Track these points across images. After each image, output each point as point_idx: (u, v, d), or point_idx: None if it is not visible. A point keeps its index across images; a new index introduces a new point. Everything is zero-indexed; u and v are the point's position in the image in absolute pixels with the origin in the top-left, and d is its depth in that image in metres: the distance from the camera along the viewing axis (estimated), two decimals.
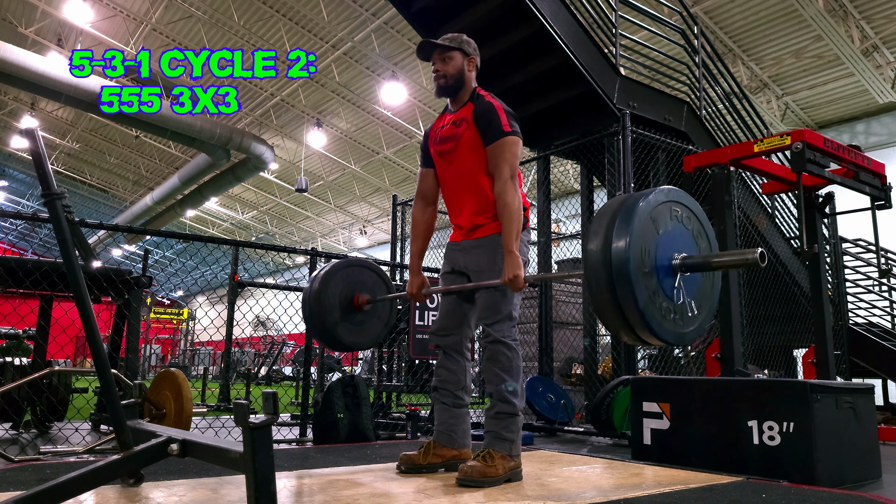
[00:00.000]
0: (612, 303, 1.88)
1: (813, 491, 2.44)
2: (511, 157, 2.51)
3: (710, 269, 2.01)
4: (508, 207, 2.45)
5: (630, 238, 1.87)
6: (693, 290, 2.05)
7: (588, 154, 5.42)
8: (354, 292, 3.07)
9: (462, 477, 2.34)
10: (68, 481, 1.50)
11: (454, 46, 2.65)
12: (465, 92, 2.68)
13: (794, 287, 5.82)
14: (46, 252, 30.81)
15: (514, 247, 2.41)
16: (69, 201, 1.79)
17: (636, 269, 1.86)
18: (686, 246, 2.06)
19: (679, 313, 1.98)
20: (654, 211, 1.98)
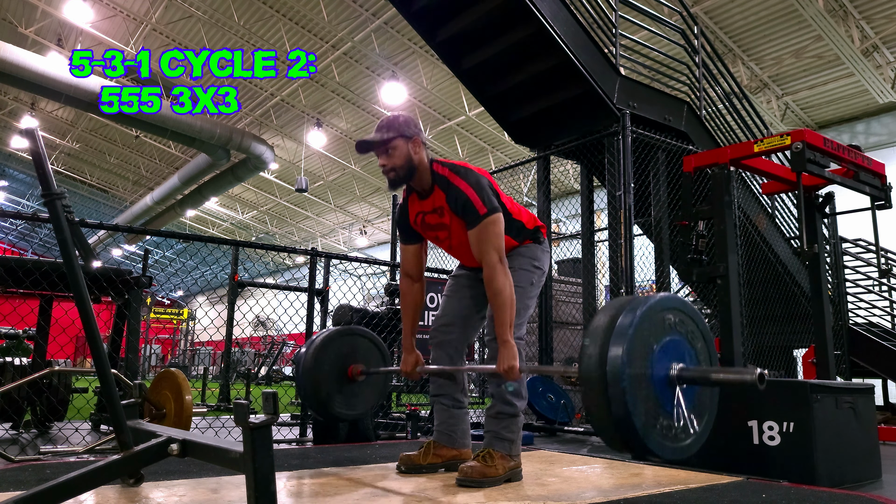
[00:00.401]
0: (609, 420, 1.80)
1: (813, 491, 2.44)
2: (494, 238, 2.40)
3: (708, 384, 1.94)
4: (500, 295, 2.34)
5: (627, 348, 1.79)
6: (691, 398, 1.97)
7: (588, 154, 5.42)
8: (349, 363, 3.06)
9: (462, 477, 2.34)
10: (68, 481, 1.49)
11: (392, 136, 2.47)
12: (421, 175, 2.52)
13: (794, 287, 5.82)
14: (46, 252, 30.82)
15: (508, 336, 2.33)
16: (69, 201, 1.79)
17: (632, 382, 1.78)
18: (684, 355, 1.97)
19: (678, 428, 1.90)
20: (653, 319, 1.90)
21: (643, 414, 1.79)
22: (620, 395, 1.75)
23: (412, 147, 2.49)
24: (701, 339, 2.06)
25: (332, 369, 3.01)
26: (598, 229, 6.20)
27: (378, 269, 9.95)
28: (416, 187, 2.58)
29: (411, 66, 13.71)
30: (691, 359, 1.99)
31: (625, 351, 1.78)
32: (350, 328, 3.20)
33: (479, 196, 2.42)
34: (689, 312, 2.04)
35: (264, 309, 6.00)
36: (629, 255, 4.55)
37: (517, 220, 2.62)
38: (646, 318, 1.86)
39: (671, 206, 5.11)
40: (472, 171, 2.51)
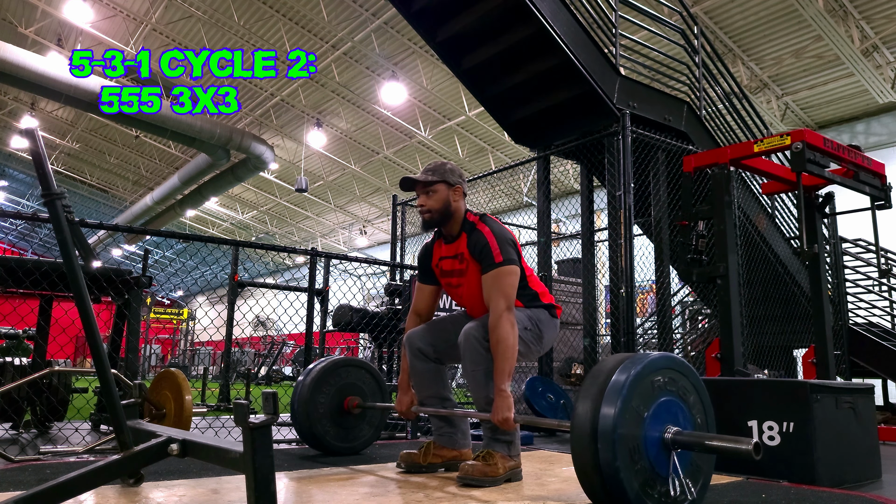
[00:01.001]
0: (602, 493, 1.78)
1: (813, 491, 2.44)
2: (506, 287, 2.43)
3: (702, 450, 1.89)
4: (503, 343, 2.35)
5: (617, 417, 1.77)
6: (686, 463, 1.93)
7: (588, 154, 5.41)
8: (345, 395, 3.05)
9: (462, 476, 2.34)
10: (68, 481, 1.49)
11: (436, 179, 2.57)
12: (454, 222, 2.61)
13: (794, 287, 5.82)
14: (46, 252, 30.81)
15: (505, 385, 2.33)
16: (69, 201, 1.79)
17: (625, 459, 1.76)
18: (677, 415, 1.94)
19: (675, 492, 1.86)
20: (639, 387, 1.86)
21: (637, 483, 1.77)
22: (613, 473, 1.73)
23: (452, 194, 2.59)
24: (693, 393, 2.02)
25: (328, 401, 3.02)
26: (598, 229, 6.20)
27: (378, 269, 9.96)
28: (446, 233, 2.64)
29: (411, 66, 13.71)
30: (685, 416, 1.96)
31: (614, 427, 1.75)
32: (348, 359, 3.20)
33: (498, 245, 2.47)
34: (679, 368, 2.00)
35: (264, 309, 6.00)
36: (629, 255, 4.55)
37: (531, 289, 2.62)
38: (633, 386, 1.83)
39: (671, 206, 5.11)
40: (500, 224, 2.58)
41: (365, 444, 3.24)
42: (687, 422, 1.95)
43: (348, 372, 3.14)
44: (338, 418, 3.06)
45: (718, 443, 1.82)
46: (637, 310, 6.43)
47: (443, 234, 2.68)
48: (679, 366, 2.01)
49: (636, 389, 1.84)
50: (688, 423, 1.96)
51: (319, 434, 3.00)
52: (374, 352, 6.66)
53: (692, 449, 1.89)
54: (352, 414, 3.07)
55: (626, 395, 1.81)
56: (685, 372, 2.01)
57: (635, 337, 4.85)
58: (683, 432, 1.89)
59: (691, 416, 1.98)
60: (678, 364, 2.01)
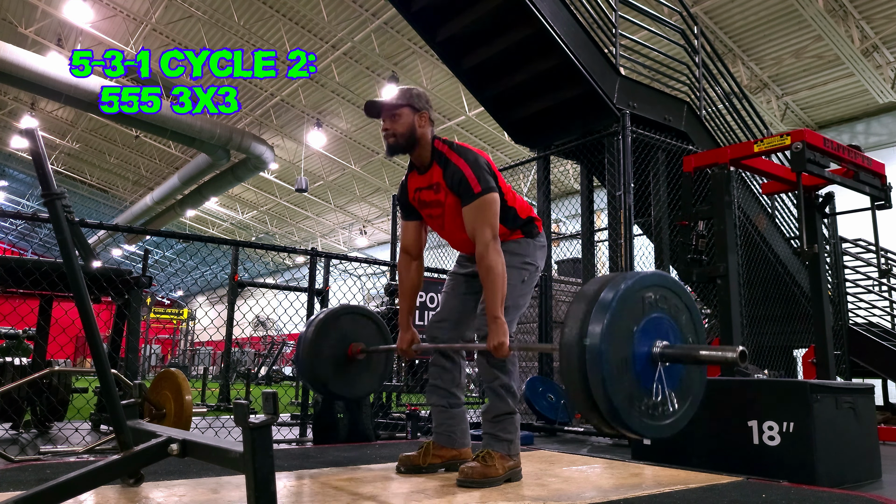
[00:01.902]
0: (586, 396, 1.80)
1: (813, 491, 2.44)
2: (489, 217, 2.42)
3: (690, 362, 1.92)
4: (491, 272, 2.35)
5: (604, 331, 1.78)
6: (676, 376, 1.95)
7: (588, 154, 5.42)
8: (349, 342, 3.05)
9: (462, 478, 2.34)
10: (68, 481, 1.49)
11: (402, 103, 2.53)
12: (422, 149, 2.57)
13: (794, 287, 5.82)
14: (46, 252, 30.82)
15: (499, 312, 2.34)
16: (69, 201, 1.79)
17: (612, 361, 1.78)
18: (667, 331, 1.95)
19: (658, 407, 1.89)
20: (636, 296, 1.88)
21: (624, 394, 1.79)
22: (600, 379, 1.75)
23: (418, 119, 2.54)
24: (685, 312, 2.03)
25: (332, 348, 3.01)
26: (598, 229, 6.20)
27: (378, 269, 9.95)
28: (416, 162, 2.63)
29: (411, 66, 13.71)
30: (675, 334, 1.97)
31: (603, 332, 1.78)
32: (351, 307, 3.20)
33: (475, 174, 2.46)
34: (671, 286, 2.01)
35: (264, 309, 6.00)
36: (629, 255, 4.55)
37: (511, 208, 2.62)
38: (623, 300, 1.85)
39: (671, 206, 5.11)
40: (472, 151, 2.55)
41: (367, 391, 3.22)
42: (677, 340, 1.97)
43: (353, 320, 3.13)
44: (341, 364, 3.05)
45: (705, 352, 1.88)
46: None
47: (415, 166, 2.66)
48: (672, 284, 2.02)
49: (626, 303, 1.86)
50: (678, 341, 1.97)
51: (322, 378, 2.98)
52: None
53: (680, 361, 1.92)
54: (355, 360, 3.07)
55: (616, 308, 1.82)
56: (678, 291, 2.03)
57: None
58: (671, 346, 1.92)
59: (682, 335, 1.99)
60: (671, 282, 2.02)
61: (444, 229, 2.67)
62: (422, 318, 4.70)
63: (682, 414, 1.96)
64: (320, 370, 2.96)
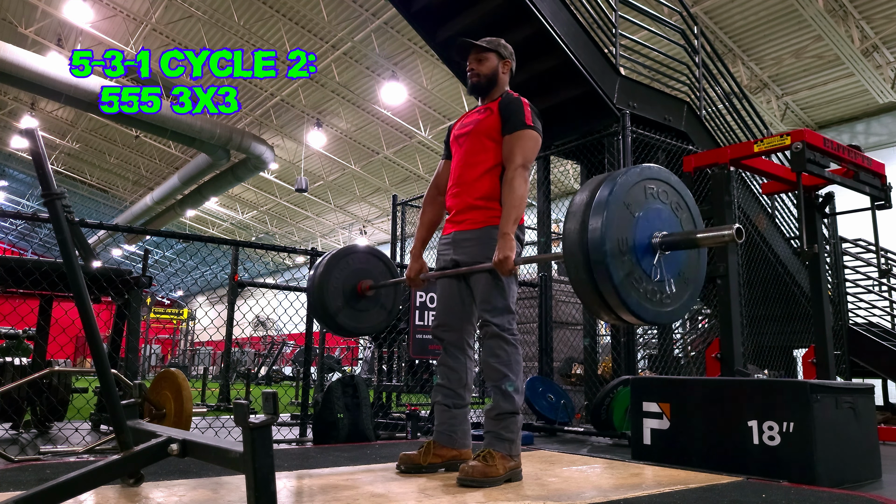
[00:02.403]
0: (590, 283, 1.86)
1: (813, 491, 2.44)
2: (527, 149, 2.55)
3: (689, 246, 1.99)
4: (514, 192, 2.47)
5: (606, 218, 1.85)
6: (676, 268, 2.01)
7: (588, 154, 5.42)
8: (358, 278, 3.07)
9: (463, 477, 2.34)
10: (68, 481, 1.49)
11: (490, 48, 2.72)
12: (496, 92, 2.74)
13: (794, 287, 5.82)
14: (46, 252, 30.81)
15: (509, 229, 2.43)
16: (69, 201, 1.79)
17: (612, 248, 1.84)
18: (668, 224, 2.02)
19: (660, 292, 1.95)
20: (633, 189, 1.95)
21: (624, 274, 1.85)
22: (601, 260, 1.81)
23: (502, 66, 2.76)
24: (686, 210, 2.10)
25: (341, 283, 3.03)
26: None
27: None
28: (483, 102, 2.77)
29: (411, 66, 13.71)
30: (675, 227, 2.04)
31: (604, 221, 1.83)
32: (357, 246, 3.21)
33: (531, 114, 2.62)
34: (673, 183, 2.08)
35: (264, 309, 6.00)
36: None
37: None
38: (625, 187, 1.91)
39: None
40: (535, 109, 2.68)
41: (376, 326, 3.25)
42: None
43: (363, 258, 3.14)
44: (351, 300, 3.06)
45: (701, 234, 1.95)
46: None
47: (477, 108, 2.78)
48: (674, 181, 2.09)
49: (630, 189, 1.93)
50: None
51: (332, 312, 2.99)
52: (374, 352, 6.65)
53: (678, 246, 1.98)
54: (365, 296, 3.08)
55: (617, 192, 1.89)
56: (678, 188, 2.09)
57: (635, 336, 4.85)
58: (670, 234, 1.99)
59: (682, 228, 2.06)
60: (673, 179, 2.09)
61: (461, 148, 2.72)
62: (422, 317, 4.70)
63: (682, 303, 2.02)
64: (330, 303, 2.99)
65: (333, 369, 13.04)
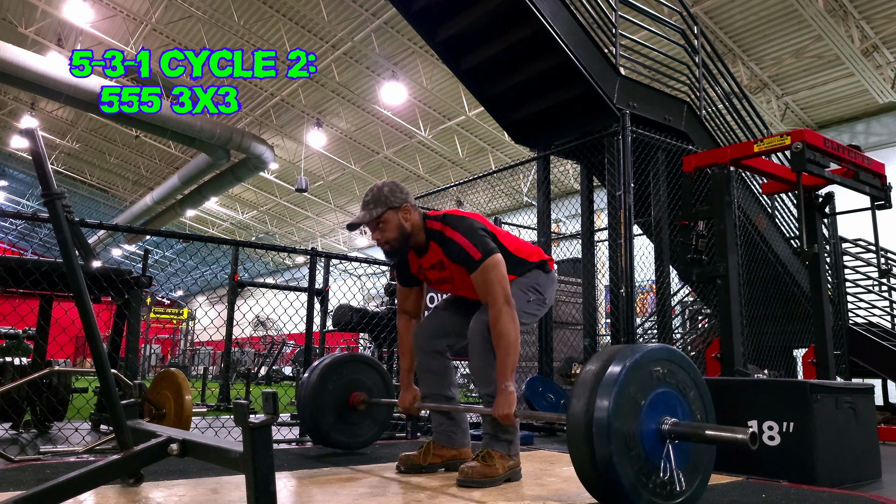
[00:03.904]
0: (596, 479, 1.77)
1: (813, 491, 2.44)
2: (497, 280, 2.38)
3: (698, 440, 1.87)
4: (505, 339, 2.33)
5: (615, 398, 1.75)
6: (684, 457, 1.91)
7: (588, 154, 5.41)
8: (351, 391, 3.05)
9: (462, 478, 2.34)
10: (68, 481, 1.49)
11: (381, 210, 2.47)
12: (416, 238, 2.55)
13: (794, 287, 5.82)
14: (46, 252, 30.80)
15: (507, 382, 2.32)
16: (69, 201, 1.79)
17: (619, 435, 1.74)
18: (676, 406, 1.92)
19: (666, 486, 1.84)
20: (643, 369, 1.86)
21: (632, 472, 1.76)
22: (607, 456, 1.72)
23: (402, 216, 2.50)
24: (693, 388, 2.00)
25: (334, 397, 3.02)
26: (598, 229, 6.20)
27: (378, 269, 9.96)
28: (414, 248, 2.59)
29: (411, 66, 13.71)
30: (684, 410, 1.94)
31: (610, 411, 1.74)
32: (354, 355, 3.21)
33: (472, 242, 2.42)
34: (679, 361, 1.98)
35: (264, 309, 6.00)
36: (629, 255, 4.55)
37: (515, 256, 2.59)
38: (631, 373, 1.81)
39: (671, 206, 5.11)
40: (465, 218, 2.51)
41: (369, 440, 3.24)
42: (686, 416, 1.94)
43: (357, 367, 3.13)
44: (343, 413, 3.05)
45: (714, 432, 1.81)
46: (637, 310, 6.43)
47: (412, 248, 2.62)
48: (679, 359, 1.99)
49: (634, 377, 1.83)
50: (686, 418, 1.94)
51: (324, 428, 2.99)
52: (374, 352, 6.66)
53: (688, 439, 1.87)
54: (357, 410, 3.07)
55: (623, 382, 1.79)
56: (685, 366, 1.99)
57: (635, 337, 4.85)
58: (680, 423, 1.88)
59: (690, 410, 1.96)
60: (678, 357, 1.99)
61: (458, 290, 2.67)
62: None
63: (692, 493, 1.91)
64: (322, 420, 2.99)
65: None
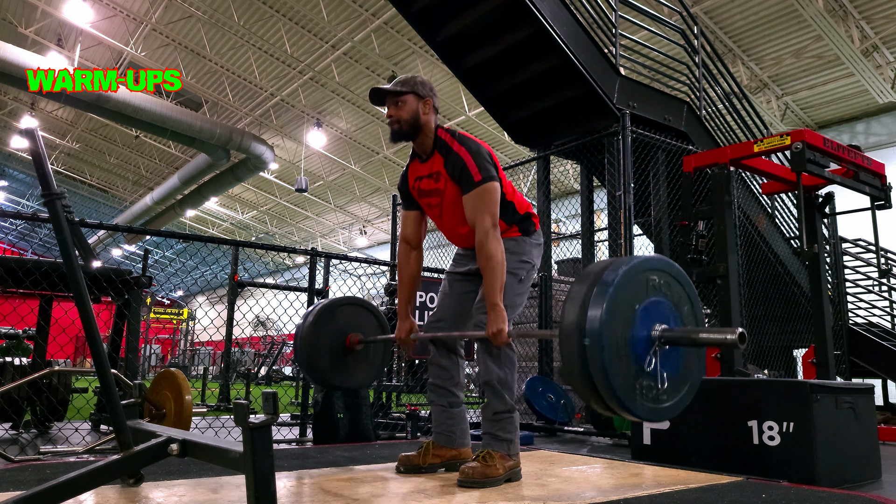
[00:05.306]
0: (583, 374, 1.79)
1: (813, 491, 2.44)
2: (489, 205, 2.42)
3: (689, 344, 1.91)
4: (491, 260, 2.36)
5: (606, 309, 1.77)
6: (674, 363, 1.94)
7: (588, 154, 5.42)
8: (347, 332, 3.05)
9: (463, 478, 2.34)
10: (68, 481, 1.49)
11: (406, 90, 2.53)
12: (425, 136, 2.57)
13: (794, 287, 5.82)
14: (46, 252, 30.81)
15: (497, 300, 2.35)
16: (69, 201, 1.79)
17: (610, 341, 1.77)
18: (667, 316, 1.94)
19: (656, 388, 1.88)
20: (636, 279, 1.88)
21: (623, 374, 1.79)
22: (599, 356, 1.75)
23: (422, 106, 2.55)
24: (688, 303, 2.03)
25: (330, 339, 2.99)
26: (598, 229, 6.20)
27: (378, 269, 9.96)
28: (418, 150, 2.63)
29: (411, 66, 13.71)
30: (676, 321, 1.97)
31: (604, 312, 1.77)
32: (349, 298, 3.19)
33: (476, 163, 2.46)
34: (676, 275, 2.01)
35: (264, 309, 6.00)
36: (629, 256, 4.55)
37: (510, 202, 2.62)
38: (627, 278, 1.84)
39: (671, 206, 5.11)
40: (474, 141, 2.55)
41: (365, 381, 3.21)
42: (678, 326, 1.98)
43: (351, 311, 3.11)
44: (339, 355, 3.03)
45: (704, 335, 1.87)
46: None
47: (416, 154, 2.66)
48: (677, 273, 2.02)
49: (630, 280, 1.86)
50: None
51: (320, 368, 2.97)
52: None
53: (679, 343, 1.91)
54: (353, 351, 3.06)
55: (619, 284, 1.82)
56: (682, 281, 2.02)
57: None
58: (670, 329, 1.91)
59: (683, 323, 2.00)
60: (676, 271, 2.02)
61: (441, 219, 2.67)
62: (421, 317, 4.70)
63: (677, 399, 1.96)
64: (318, 360, 2.95)
65: None
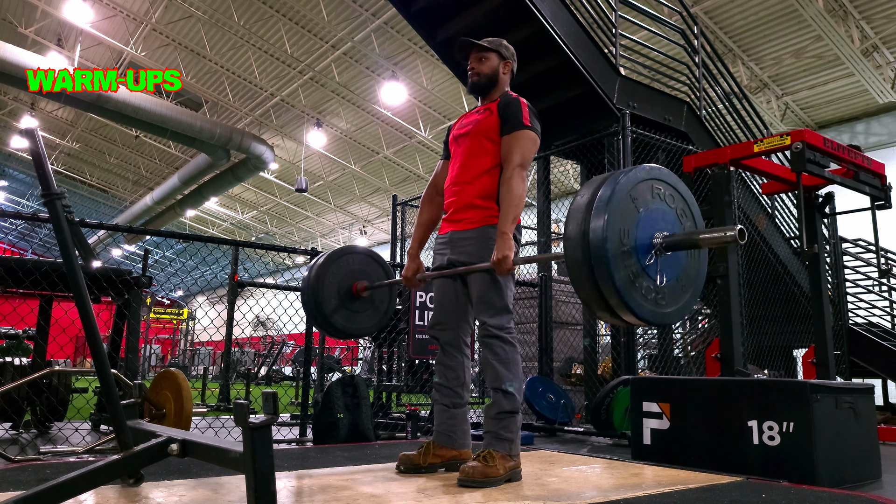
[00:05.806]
0: (590, 282, 1.85)
1: (813, 491, 2.44)
2: (525, 149, 2.55)
3: (690, 246, 1.99)
4: (512, 192, 2.48)
5: (608, 216, 1.84)
6: (676, 269, 2.02)
7: (588, 154, 5.42)
8: (353, 279, 3.06)
9: (463, 478, 2.34)
10: (68, 481, 1.49)
11: (492, 48, 2.73)
12: (496, 92, 2.75)
13: (794, 287, 5.82)
14: (46, 252, 30.81)
15: (507, 228, 2.43)
16: (69, 201, 1.79)
17: (614, 247, 1.83)
18: (669, 225, 2.02)
19: (660, 293, 1.95)
20: (635, 189, 1.95)
21: (623, 267, 1.85)
22: (603, 256, 1.80)
23: (502, 66, 2.76)
24: (690, 219, 2.10)
25: (336, 284, 3.01)
26: None
27: None
28: (487, 100, 2.76)
29: (411, 66, 13.71)
30: (678, 231, 2.04)
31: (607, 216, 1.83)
32: (355, 247, 3.21)
33: (529, 114, 2.62)
34: (681, 189, 2.08)
35: (264, 309, 6.00)
36: None
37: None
38: (633, 181, 1.91)
39: None
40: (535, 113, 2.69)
41: (370, 327, 3.23)
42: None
43: (358, 259, 3.13)
44: (345, 300, 3.05)
45: (703, 235, 1.96)
46: None
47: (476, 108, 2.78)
48: (682, 189, 2.10)
49: (637, 184, 1.94)
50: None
51: (327, 314, 2.98)
52: (374, 352, 6.65)
53: (680, 247, 1.98)
54: (360, 297, 3.07)
55: (625, 184, 1.90)
56: (685, 196, 2.10)
57: (635, 336, 4.85)
58: (672, 234, 1.99)
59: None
60: (682, 187, 2.10)
61: (460, 148, 2.72)
62: (422, 317, 4.70)
63: (680, 305, 2.02)
64: (324, 304, 2.97)
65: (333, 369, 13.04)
